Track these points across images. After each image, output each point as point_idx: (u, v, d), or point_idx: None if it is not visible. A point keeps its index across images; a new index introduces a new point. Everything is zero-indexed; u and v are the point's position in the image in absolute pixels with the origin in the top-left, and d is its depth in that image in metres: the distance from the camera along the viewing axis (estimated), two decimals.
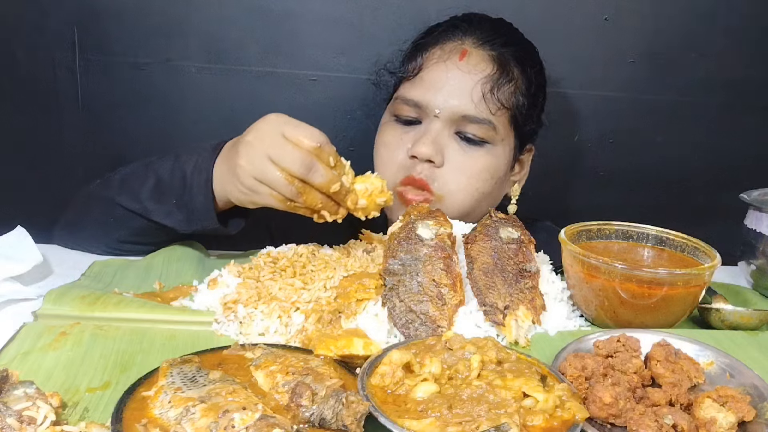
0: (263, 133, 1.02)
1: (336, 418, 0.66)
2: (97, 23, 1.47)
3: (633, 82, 1.63)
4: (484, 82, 1.26)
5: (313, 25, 1.52)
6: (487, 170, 1.28)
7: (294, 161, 0.99)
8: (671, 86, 1.64)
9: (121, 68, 1.50)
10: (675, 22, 1.60)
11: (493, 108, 1.25)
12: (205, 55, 1.51)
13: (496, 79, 1.26)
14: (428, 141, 1.24)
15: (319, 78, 1.55)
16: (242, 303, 0.95)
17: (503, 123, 1.28)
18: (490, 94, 1.25)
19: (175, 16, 1.48)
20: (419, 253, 0.99)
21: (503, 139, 1.30)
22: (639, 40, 1.60)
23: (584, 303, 1.02)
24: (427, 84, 1.28)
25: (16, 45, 1.47)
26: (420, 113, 1.28)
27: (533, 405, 0.69)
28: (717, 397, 0.74)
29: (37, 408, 0.65)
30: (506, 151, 1.31)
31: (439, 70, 1.28)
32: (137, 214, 1.17)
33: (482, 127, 1.26)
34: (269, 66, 1.54)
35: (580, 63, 1.60)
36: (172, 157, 1.17)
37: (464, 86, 1.25)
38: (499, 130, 1.28)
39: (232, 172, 1.04)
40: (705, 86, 1.65)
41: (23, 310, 0.95)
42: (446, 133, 1.27)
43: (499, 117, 1.27)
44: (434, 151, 1.24)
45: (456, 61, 1.27)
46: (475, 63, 1.27)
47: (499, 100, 1.26)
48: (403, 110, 1.30)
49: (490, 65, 1.28)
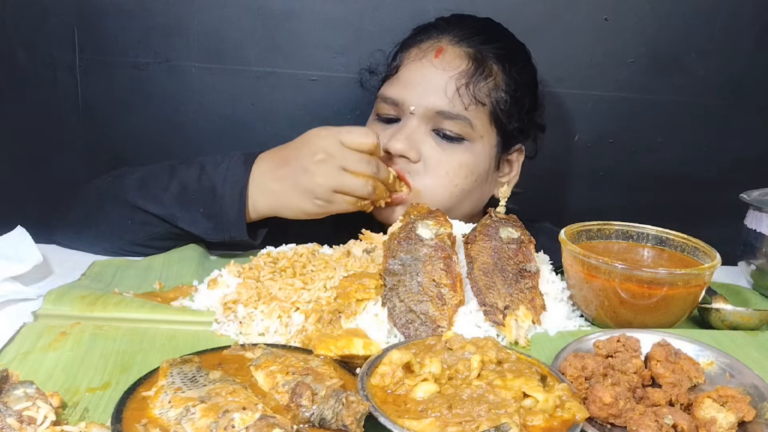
0: (325, 147, 1.12)
1: (336, 418, 0.66)
2: (97, 23, 1.47)
3: (633, 82, 1.63)
4: (459, 77, 1.26)
5: (313, 25, 1.52)
6: (466, 167, 1.28)
7: (364, 165, 1.13)
8: (671, 86, 1.64)
9: (121, 68, 1.50)
10: (675, 22, 1.60)
11: (467, 102, 1.25)
12: (205, 55, 1.51)
13: (471, 74, 1.26)
14: (402, 137, 1.25)
15: (319, 78, 1.55)
16: (242, 303, 0.95)
17: (481, 119, 1.28)
18: (464, 89, 1.25)
19: (175, 16, 1.48)
20: (419, 253, 0.99)
21: (482, 137, 1.29)
22: (639, 40, 1.60)
23: (584, 303, 1.02)
24: (403, 82, 1.29)
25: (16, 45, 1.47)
26: (398, 111, 1.29)
27: (533, 405, 0.69)
28: (717, 397, 0.74)
29: (37, 408, 0.65)
30: (486, 148, 1.30)
31: (415, 68, 1.29)
32: (162, 219, 1.18)
33: (458, 123, 1.26)
34: (269, 66, 1.54)
35: (580, 63, 1.60)
36: (197, 165, 1.19)
37: (438, 83, 1.26)
38: (476, 127, 1.27)
39: (304, 189, 1.12)
40: (705, 86, 1.65)
41: (23, 310, 0.95)
42: (422, 130, 1.27)
43: (475, 113, 1.27)
44: (408, 147, 1.24)
45: (431, 58, 1.28)
46: (450, 60, 1.28)
47: (474, 95, 1.25)
48: (383, 109, 1.31)
49: (466, 61, 1.28)
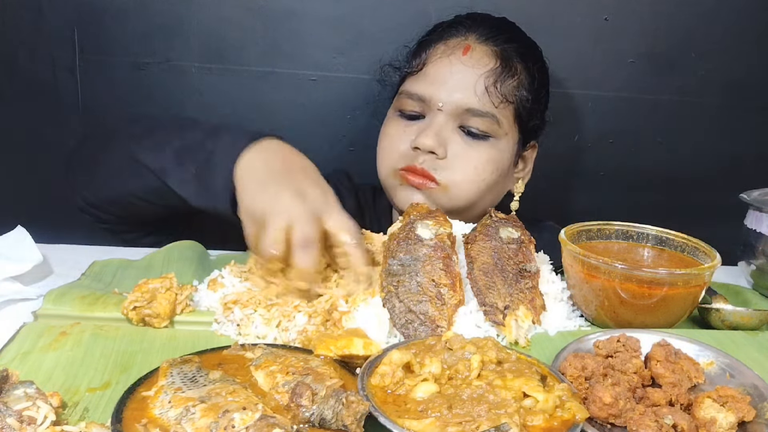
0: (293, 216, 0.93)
1: (336, 418, 0.66)
2: (97, 23, 1.47)
3: (633, 82, 1.63)
4: (488, 76, 1.27)
5: (313, 25, 1.52)
6: (491, 162, 1.29)
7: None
8: (671, 86, 1.64)
9: (121, 68, 1.50)
10: (675, 22, 1.60)
11: (496, 101, 1.26)
12: (205, 55, 1.52)
13: (499, 73, 1.27)
14: (431, 133, 1.25)
15: (319, 78, 1.55)
16: (242, 304, 0.95)
17: (507, 117, 1.29)
18: (493, 88, 1.26)
19: (175, 16, 1.49)
20: (418, 253, 0.99)
21: (507, 134, 1.30)
22: (639, 40, 1.60)
23: (584, 303, 1.02)
24: (431, 78, 1.29)
25: (16, 45, 1.47)
26: (423, 107, 1.29)
27: (533, 405, 0.69)
28: (717, 397, 0.74)
29: (37, 408, 0.65)
30: (510, 145, 1.32)
31: (443, 65, 1.29)
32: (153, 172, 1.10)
33: (485, 120, 1.26)
34: (269, 66, 1.54)
35: (580, 63, 1.60)
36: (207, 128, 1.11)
37: (467, 80, 1.26)
38: (502, 124, 1.28)
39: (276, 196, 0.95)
40: (705, 86, 1.65)
41: (23, 310, 0.95)
42: (450, 127, 1.27)
43: (502, 111, 1.28)
44: (437, 143, 1.25)
45: (459, 56, 1.28)
46: (479, 58, 1.28)
47: (502, 93, 1.27)
48: (407, 104, 1.31)
49: (494, 60, 1.28)
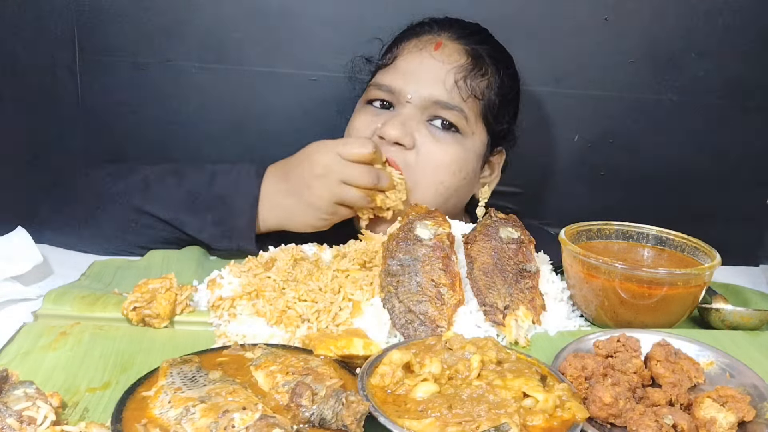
0: (324, 162, 1.13)
1: (336, 418, 0.66)
2: (97, 23, 1.47)
3: (633, 82, 1.62)
4: (458, 71, 1.27)
5: (313, 25, 1.52)
6: (456, 162, 1.27)
7: (364, 177, 1.13)
8: (671, 86, 1.64)
9: (121, 68, 1.50)
10: (675, 22, 1.59)
11: (465, 95, 1.26)
12: (205, 55, 1.51)
13: (470, 70, 1.28)
14: (397, 123, 1.24)
15: (319, 78, 1.55)
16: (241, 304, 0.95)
17: (474, 113, 1.29)
18: (462, 83, 1.26)
19: (175, 16, 1.48)
20: (418, 254, 0.99)
21: (474, 132, 1.29)
22: (639, 40, 1.60)
23: (584, 303, 1.02)
24: (401, 71, 1.29)
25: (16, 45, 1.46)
26: (393, 99, 1.29)
27: (533, 405, 0.69)
28: (717, 397, 0.74)
29: (37, 408, 0.65)
30: (476, 145, 1.31)
31: (414, 59, 1.29)
32: (167, 223, 1.19)
33: (453, 113, 1.26)
34: (269, 66, 1.53)
35: (580, 63, 1.60)
36: (207, 172, 1.21)
37: (437, 74, 1.27)
38: (470, 120, 1.28)
39: (308, 204, 1.15)
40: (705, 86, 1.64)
41: (23, 310, 0.95)
42: (417, 119, 1.26)
43: (470, 105, 1.27)
44: (402, 133, 1.23)
45: (431, 50, 1.29)
46: (450, 53, 1.29)
47: (471, 88, 1.27)
48: (376, 95, 1.31)
49: (465, 57, 1.29)
